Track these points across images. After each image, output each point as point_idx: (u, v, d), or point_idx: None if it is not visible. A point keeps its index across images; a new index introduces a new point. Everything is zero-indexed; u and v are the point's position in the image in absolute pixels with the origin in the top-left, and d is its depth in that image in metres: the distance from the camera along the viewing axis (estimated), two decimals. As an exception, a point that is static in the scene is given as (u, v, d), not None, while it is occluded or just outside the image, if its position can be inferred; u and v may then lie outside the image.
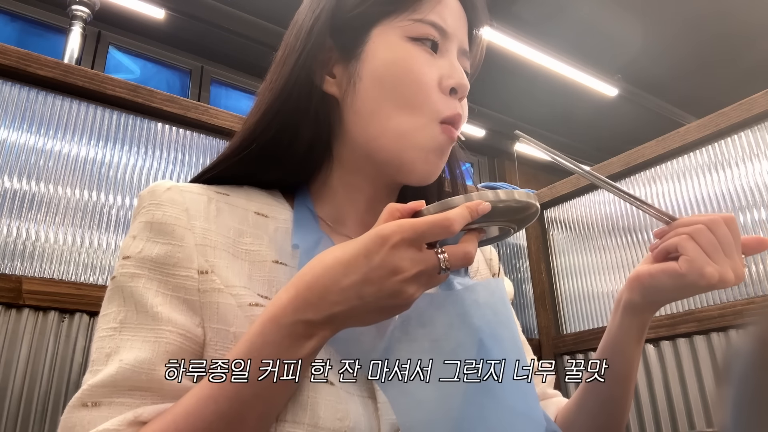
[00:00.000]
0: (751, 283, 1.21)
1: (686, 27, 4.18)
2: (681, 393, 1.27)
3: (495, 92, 4.81)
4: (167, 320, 0.50)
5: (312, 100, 0.59)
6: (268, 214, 0.59)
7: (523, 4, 4.01)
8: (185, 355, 0.50)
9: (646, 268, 0.59)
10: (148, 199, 0.55)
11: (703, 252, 0.54)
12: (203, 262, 0.52)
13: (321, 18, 0.60)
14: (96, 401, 0.47)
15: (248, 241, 0.56)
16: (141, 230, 0.54)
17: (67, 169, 1.05)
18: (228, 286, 0.52)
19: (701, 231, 0.55)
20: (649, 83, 4.81)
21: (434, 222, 0.44)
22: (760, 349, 0.26)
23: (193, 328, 0.51)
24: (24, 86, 1.04)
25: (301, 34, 0.61)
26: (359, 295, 0.43)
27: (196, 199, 0.56)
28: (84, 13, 2.94)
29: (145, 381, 0.48)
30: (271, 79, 0.62)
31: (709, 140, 1.33)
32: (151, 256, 0.52)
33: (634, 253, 1.47)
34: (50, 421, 0.91)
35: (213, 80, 4.41)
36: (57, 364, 0.94)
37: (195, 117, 1.18)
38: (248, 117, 0.63)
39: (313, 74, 0.59)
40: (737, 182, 1.27)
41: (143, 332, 0.50)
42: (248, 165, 0.61)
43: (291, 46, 0.62)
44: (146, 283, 0.51)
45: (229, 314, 0.51)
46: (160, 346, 0.49)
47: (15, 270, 0.96)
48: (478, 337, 0.54)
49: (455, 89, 0.59)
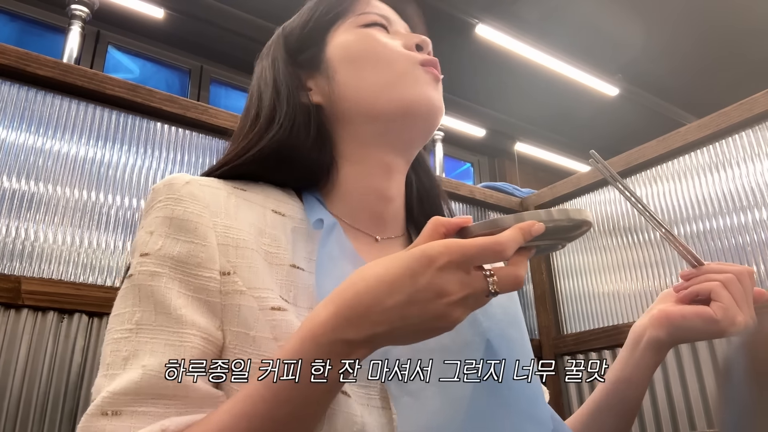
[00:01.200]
0: (752, 283, 1.21)
1: (687, 26, 4.18)
2: (681, 393, 1.27)
3: (495, 92, 4.81)
4: (191, 323, 0.48)
5: (312, 118, 0.62)
6: (285, 213, 0.59)
7: (524, 3, 4.00)
8: (208, 358, 0.49)
9: (678, 309, 0.62)
10: (165, 192, 0.53)
11: (734, 301, 0.58)
12: (225, 262, 0.51)
13: (279, 59, 0.65)
14: (117, 410, 0.45)
15: (267, 241, 0.55)
16: (159, 225, 0.51)
17: (66, 169, 1.05)
18: (250, 288, 0.50)
19: (733, 281, 0.59)
20: (650, 83, 4.81)
21: (485, 246, 0.42)
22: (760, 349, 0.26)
23: (214, 331, 0.49)
24: (23, 86, 1.04)
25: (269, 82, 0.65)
26: (402, 316, 0.41)
27: (215, 194, 0.54)
28: (83, 12, 2.93)
29: (171, 388, 0.45)
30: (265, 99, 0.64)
31: (710, 140, 1.33)
32: (173, 254, 0.50)
33: (634, 253, 1.46)
34: (49, 422, 0.91)
35: (212, 80, 4.41)
36: (56, 364, 0.94)
37: (194, 117, 1.18)
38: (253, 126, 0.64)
39: (300, 96, 0.63)
40: (738, 182, 1.27)
41: (165, 335, 0.48)
42: (261, 164, 0.61)
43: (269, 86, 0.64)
44: (167, 283, 0.49)
45: (250, 317, 0.49)
46: (186, 350, 0.47)
47: (14, 270, 0.95)
48: (486, 337, 0.54)
49: (419, 45, 0.64)
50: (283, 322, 0.50)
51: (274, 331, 0.49)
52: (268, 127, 0.61)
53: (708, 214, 1.31)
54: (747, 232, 1.24)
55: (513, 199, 1.77)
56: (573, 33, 4.23)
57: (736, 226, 1.26)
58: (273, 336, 0.49)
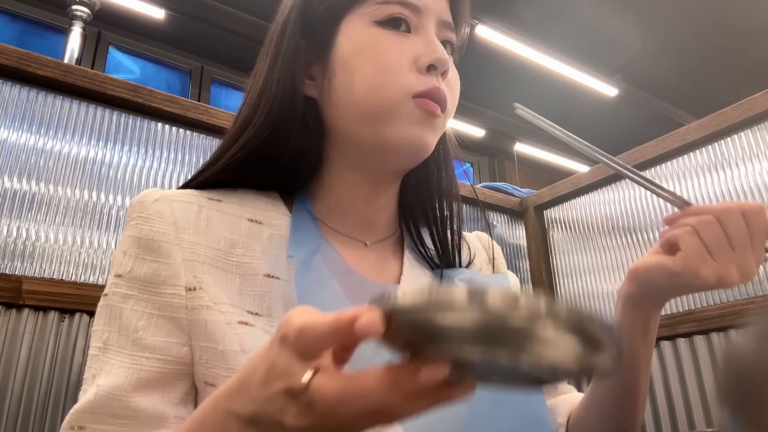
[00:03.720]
0: (752, 283, 1.21)
1: (686, 26, 4.18)
2: (681, 393, 1.27)
3: (495, 92, 4.81)
4: (145, 347, 0.50)
5: (298, 107, 0.58)
6: (263, 220, 0.58)
7: (523, 3, 4.00)
8: (168, 379, 0.50)
9: (643, 261, 0.54)
10: (136, 210, 0.54)
11: (705, 248, 0.48)
12: (191, 278, 0.51)
13: (291, 21, 0.59)
14: (81, 425, 0.48)
15: (240, 252, 0.54)
16: (130, 246, 0.53)
17: (67, 169, 1.05)
18: (216, 303, 0.51)
19: (707, 224, 0.49)
20: (649, 83, 4.81)
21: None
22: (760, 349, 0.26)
23: (177, 350, 0.50)
24: (24, 86, 1.04)
25: (275, 41, 0.60)
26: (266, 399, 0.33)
27: (185, 209, 0.55)
28: (84, 13, 2.93)
29: (119, 408, 0.48)
30: (253, 90, 0.60)
31: (709, 140, 1.33)
32: (140, 276, 0.52)
33: (634, 253, 1.47)
34: (50, 422, 0.91)
35: (213, 80, 4.41)
36: (57, 364, 0.94)
37: (195, 117, 1.18)
38: (231, 129, 0.61)
39: (295, 81, 0.58)
40: (737, 182, 1.27)
41: (121, 356, 0.50)
42: (239, 170, 0.59)
43: (268, 55, 0.60)
44: (134, 305, 0.51)
45: (217, 332, 0.50)
46: (134, 372, 0.49)
47: (15, 270, 0.96)
48: None
49: (433, 65, 0.56)
50: (250, 337, 0.50)
51: (242, 344, 0.50)
52: (245, 127, 0.58)
53: (707, 214, 1.31)
54: (746, 232, 1.24)
55: (513, 199, 1.77)
56: (572, 33, 4.23)
57: (735, 226, 1.26)
58: (241, 348, 0.49)
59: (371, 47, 0.55)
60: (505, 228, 1.75)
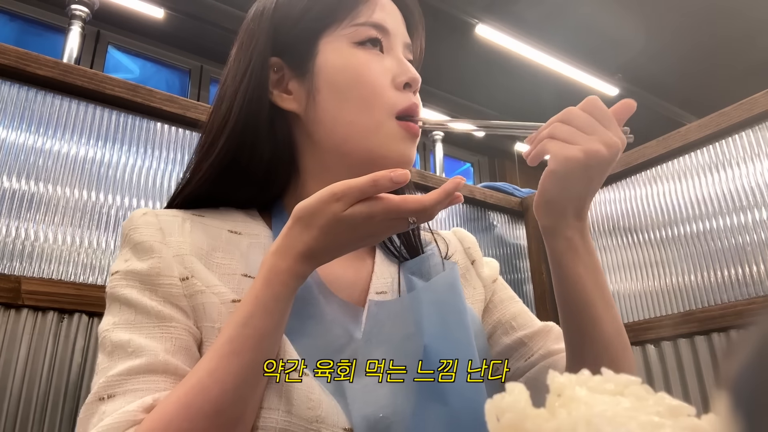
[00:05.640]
0: (752, 283, 1.21)
1: (687, 26, 4.18)
2: (682, 393, 1.27)
3: (495, 92, 4.81)
4: (170, 317, 0.53)
5: (267, 119, 0.62)
6: (242, 231, 0.62)
7: (524, 3, 4.00)
8: (195, 348, 0.54)
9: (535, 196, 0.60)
10: (128, 226, 0.59)
11: (564, 142, 0.55)
12: (182, 269, 0.56)
13: (262, 35, 0.64)
14: (111, 393, 0.49)
15: (220, 255, 0.59)
16: (126, 253, 0.58)
17: (66, 169, 1.05)
18: (209, 286, 0.55)
19: (556, 126, 0.56)
20: (650, 83, 4.81)
21: None
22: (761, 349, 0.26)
23: (193, 327, 0.54)
24: (23, 86, 1.04)
25: (243, 51, 0.65)
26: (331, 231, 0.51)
27: (170, 220, 0.60)
28: (83, 12, 2.93)
29: (161, 364, 0.50)
30: (222, 98, 0.65)
31: (710, 140, 1.33)
32: (138, 270, 0.55)
33: (634, 253, 1.46)
34: (49, 422, 0.91)
35: (212, 79, 4.41)
36: (56, 364, 0.94)
37: (194, 116, 1.18)
38: (201, 140, 0.66)
39: (265, 93, 0.63)
40: (738, 182, 1.27)
41: (147, 329, 0.52)
42: (215, 185, 0.63)
43: (238, 63, 0.65)
44: (138, 293, 0.54)
45: (214, 312, 0.54)
46: (168, 341, 0.52)
47: (14, 270, 0.95)
48: (424, 342, 0.57)
49: (408, 83, 0.63)
50: None
51: None
52: (213, 143, 0.63)
53: (708, 214, 1.31)
54: (747, 232, 1.24)
55: (513, 199, 1.77)
56: (573, 33, 4.23)
57: (736, 226, 1.26)
58: None
59: (358, 67, 0.61)
60: (505, 228, 1.75)
